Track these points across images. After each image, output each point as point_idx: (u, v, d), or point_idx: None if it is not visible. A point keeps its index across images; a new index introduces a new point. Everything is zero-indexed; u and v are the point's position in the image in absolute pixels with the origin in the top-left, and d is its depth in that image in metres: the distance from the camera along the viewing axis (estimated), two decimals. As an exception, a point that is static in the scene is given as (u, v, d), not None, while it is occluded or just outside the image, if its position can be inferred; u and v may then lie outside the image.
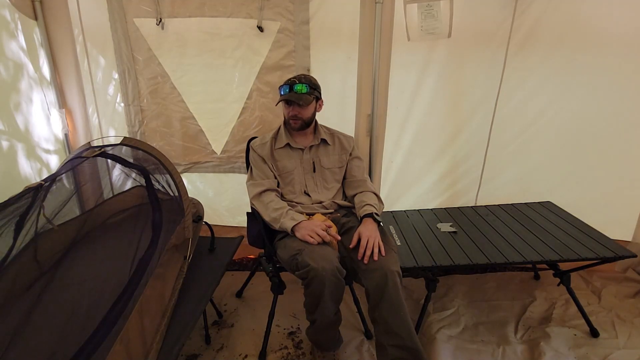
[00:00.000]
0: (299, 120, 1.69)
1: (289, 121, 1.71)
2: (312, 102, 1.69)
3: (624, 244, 1.89)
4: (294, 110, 1.68)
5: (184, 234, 1.55)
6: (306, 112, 1.69)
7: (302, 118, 1.69)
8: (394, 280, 1.40)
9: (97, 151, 1.44)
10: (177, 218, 1.54)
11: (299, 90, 1.65)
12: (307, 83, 1.67)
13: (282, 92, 1.68)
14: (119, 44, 2.07)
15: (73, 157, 1.48)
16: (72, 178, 1.48)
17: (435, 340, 1.78)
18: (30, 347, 1.03)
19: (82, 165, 1.46)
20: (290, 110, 1.68)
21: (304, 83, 1.66)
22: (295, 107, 1.67)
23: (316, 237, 1.50)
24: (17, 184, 1.85)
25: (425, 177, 2.36)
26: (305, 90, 1.65)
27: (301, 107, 1.66)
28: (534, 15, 1.98)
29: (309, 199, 1.76)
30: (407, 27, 1.99)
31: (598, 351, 1.71)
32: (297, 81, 1.66)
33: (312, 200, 1.75)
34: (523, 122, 2.21)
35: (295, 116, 1.68)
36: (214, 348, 1.78)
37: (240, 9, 1.98)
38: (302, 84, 1.65)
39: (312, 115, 1.73)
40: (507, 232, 1.93)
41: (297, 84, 1.65)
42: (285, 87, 1.67)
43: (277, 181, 1.76)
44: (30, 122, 1.95)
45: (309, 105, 1.68)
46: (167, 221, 1.46)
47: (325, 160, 1.79)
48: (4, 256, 1.13)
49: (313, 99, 1.69)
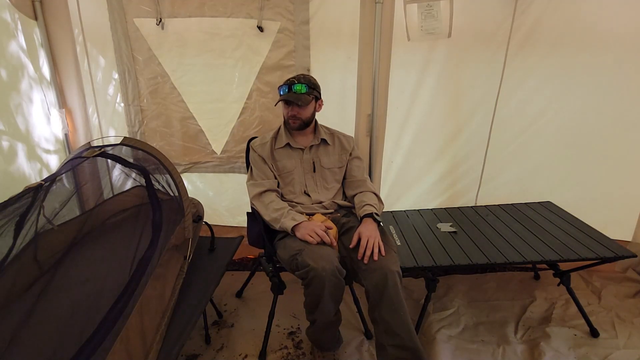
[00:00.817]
0: (297, 120, 1.69)
1: (288, 121, 1.71)
2: (311, 102, 1.69)
3: (624, 244, 1.89)
4: (293, 110, 1.68)
5: (184, 234, 1.55)
6: (305, 112, 1.69)
7: (301, 118, 1.69)
8: (393, 280, 1.40)
9: (97, 151, 1.45)
10: (177, 218, 1.54)
11: (298, 90, 1.65)
12: (306, 83, 1.66)
13: (281, 92, 1.68)
14: (119, 44, 2.07)
15: (73, 157, 1.48)
16: (72, 178, 1.48)
17: (435, 340, 1.78)
18: (30, 347, 1.03)
19: (82, 165, 1.46)
20: (290, 111, 1.68)
21: (302, 83, 1.65)
22: (294, 107, 1.67)
23: (315, 237, 1.50)
24: (17, 184, 1.86)
25: (425, 177, 2.36)
26: (304, 90, 1.65)
27: (300, 107, 1.66)
28: (534, 15, 1.98)
29: (309, 199, 1.76)
30: (407, 27, 1.99)
31: (598, 351, 1.71)
32: (296, 81, 1.66)
33: (312, 200, 1.75)
34: (523, 122, 2.21)
35: (294, 116, 1.68)
36: (214, 348, 1.78)
37: (240, 9, 1.98)
38: (301, 84, 1.65)
39: (311, 115, 1.73)
40: (507, 232, 1.93)
41: (295, 84, 1.65)
42: (284, 88, 1.67)
43: (277, 181, 1.76)
44: (30, 122, 1.95)
45: (307, 105, 1.68)
46: (167, 221, 1.46)
47: (325, 160, 1.79)
48: (4, 256, 1.13)
49: (312, 99, 1.69)
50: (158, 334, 1.20)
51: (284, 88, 1.67)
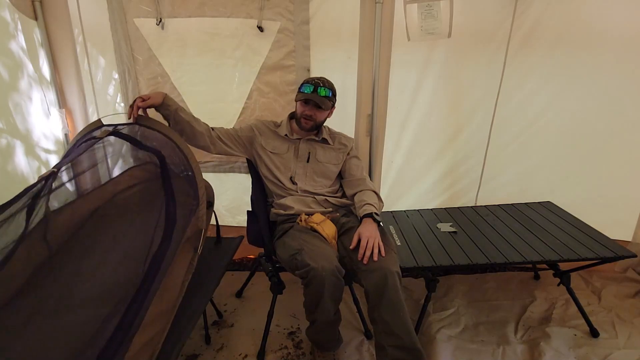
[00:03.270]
0: (311, 122, 1.72)
1: (301, 119, 1.72)
2: (329, 108, 1.74)
3: (624, 244, 1.89)
4: (311, 111, 1.70)
5: (198, 224, 1.44)
6: (321, 116, 1.73)
7: (315, 120, 1.72)
8: (393, 280, 1.40)
9: (110, 130, 1.41)
10: (193, 208, 1.43)
11: (323, 94, 1.67)
12: (330, 89, 1.70)
13: (305, 91, 1.69)
14: (119, 44, 2.07)
15: (85, 139, 1.43)
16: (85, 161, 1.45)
17: (435, 340, 1.78)
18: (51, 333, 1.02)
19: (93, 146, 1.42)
20: (307, 110, 1.70)
21: (327, 88, 1.69)
22: (312, 108, 1.69)
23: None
24: (17, 184, 1.86)
25: (425, 177, 2.36)
26: (329, 95, 1.69)
27: (318, 110, 1.70)
28: (534, 15, 1.98)
29: (295, 186, 1.77)
30: (407, 27, 1.99)
31: (598, 351, 1.71)
32: (321, 84, 1.68)
33: (297, 187, 1.77)
34: (523, 122, 2.21)
35: (310, 117, 1.71)
36: (214, 348, 1.78)
37: (240, 9, 1.98)
38: (326, 89, 1.69)
39: (324, 119, 1.78)
40: (507, 232, 1.93)
41: (321, 87, 1.67)
42: (309, 86, 1.68)
43: (233, 143, 1.80)
44: (30, 122, 1.94)
45: (326, 109, 1.72)
46: (182, 215, 1.37)
47: (321, 154, 1.80)
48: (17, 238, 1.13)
49: (331, 105, 1.74)
50: (164, 332, 1.19)
51: (309, 87, 1.68)
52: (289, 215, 1.74)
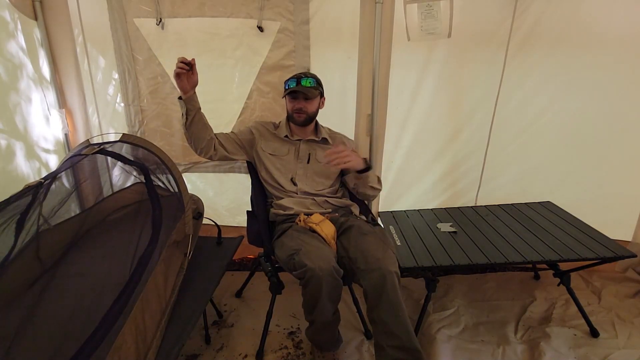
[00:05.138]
0: (303, 114, 1.74)
1: (293, 115, 1.74)
2: (317, 97, 1.75)
3: (624, 244, 1.89)
4: (300, 104, 1.72)
5: (185, 230, 1.54)
6: (311, 107, 1.74)
7: (307, 112, 1.74)
8: (392, 281, 1.40)
9: (96, 148, 1.45)
10: (177, 214, 1.53)
11: (306, 84, 1.70)
12: (313, 78, 1.74)
13: (289, 86, 1.72)
14: (119, 44, 2.07)
15: (72, 155, 1.48)
16: (71, 176, 1.48)
17: (435, 340, 1.78)
18: (32, 345, 1.03)
19: (81, 162, 1.46)
20: (296, 104, 1.73)
21: (310, 77, 1.72)
22: (301, 100, 1.72)
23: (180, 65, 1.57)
24: (16, 183, 1.85)
25: (425, 177, 2.36)
26: (312, 85, 1.71)
27: (307, 101, 1.72)
28: (534, 15, 1.98)
29: (295, 187, 1.78)
30: (407, 27, 1.99)
31: (598, 351, 1.71)
32: (304, 76, 1.72)
33: (297, 189, 1.78)
34: (523, 122, 2.21)
35: (301, 109, 1.73)
36: (214, 348, 1.78)
37: (240, 9, 1.98)
38: (309, 79, 1.72)
39: (316, 110, 1.79)
40: (507, 232, 1.93)
41: (303, 78, 1.71)
42: (292, 81, 1.72)
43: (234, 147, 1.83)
44: (30, 122, 1.94)
45: (314, 99, 1.73)
46: (167, 217, 1.45)
47: (321, 154, 1.81)
48: (5, 255, 1.13)
49: (318, 94, 1.75)
50: (158, 331, 1.20)
51: (292, 81, 1.72)
52: (288, 215, 1.74)
